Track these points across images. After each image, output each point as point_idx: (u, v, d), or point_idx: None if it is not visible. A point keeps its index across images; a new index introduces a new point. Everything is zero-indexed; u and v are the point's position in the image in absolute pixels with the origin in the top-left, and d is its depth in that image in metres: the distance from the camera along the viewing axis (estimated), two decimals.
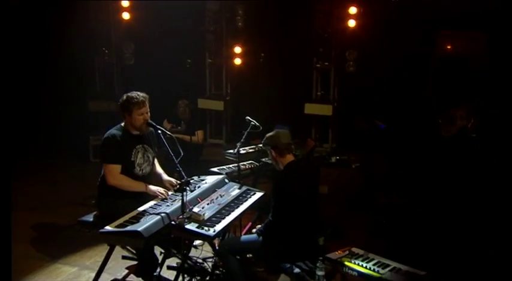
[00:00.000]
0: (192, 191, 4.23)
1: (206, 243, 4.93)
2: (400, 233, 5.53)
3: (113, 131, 4.48)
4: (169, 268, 4.63)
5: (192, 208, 4.03)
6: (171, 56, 8.61)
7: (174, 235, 4.07)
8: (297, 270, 4.29)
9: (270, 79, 8.83)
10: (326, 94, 8.90)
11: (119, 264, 4.81)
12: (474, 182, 5.69)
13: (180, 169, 4.13)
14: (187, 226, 3.82)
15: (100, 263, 4.62)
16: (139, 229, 3.68)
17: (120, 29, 8.53)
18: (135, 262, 4.77)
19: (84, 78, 8.79)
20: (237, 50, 8.85)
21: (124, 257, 4.83)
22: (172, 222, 3.91)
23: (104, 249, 4.92)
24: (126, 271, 4.77)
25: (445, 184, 5.68)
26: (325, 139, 8.69)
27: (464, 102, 6.77)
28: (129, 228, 3.78)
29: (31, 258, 5.16)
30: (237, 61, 8.90)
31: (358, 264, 3.57)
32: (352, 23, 8.35)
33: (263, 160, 5.50)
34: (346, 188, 6.94)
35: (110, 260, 4.55)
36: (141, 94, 4.53)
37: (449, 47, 8.47)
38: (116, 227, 3.84)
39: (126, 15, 8.36)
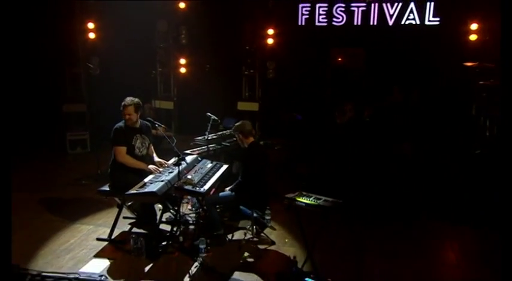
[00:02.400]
0: (187, 163, 5.10)
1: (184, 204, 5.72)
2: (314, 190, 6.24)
3: (119, 123, 5.20)
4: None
5: (186, 175, 4.97)
6: (130, 67, 8.63)
7: (175, 194, 4.99)
8: (255, 215, 5.25)
9: (209, 83, 9.00)
10: (253, 94, 9.34)
11: (122, 222, 5.44)
12: (365, 151, 6.78)
13: (177, 149, 5.02)
14: (186, 187, 4.80)
15: (108, 222, 5.50)
16: (154, 190, 4.65)
17: (87, 45, 8.71)
18: (133, 220, 5.48)
19: (57, 85, 8.84)
20: (182, 61, 9.23)
21: (125, 218, 5.51)
22: (175, 185, 4.83)
23: (108, 212, 5.88)
24: (129, 226, 5.45)
25: (342, 154, 6.96)
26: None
27: (350, 100, 7.65)
28: (147, 190, 4.72)
29: (55, 222, 5.69)
30: (182, 70, 9.28)
31: (304, 199, 4.52)
32: (270, 41, 8.83)
33: (223, 143, 6.32)
34: (273, 163, 7.21)
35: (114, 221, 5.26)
36: (128, 99, 5.17)
37: (339, 60, 8.93)
38: (137, 190, 4.75)
39: (91, 35, 8.62)
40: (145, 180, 4.97)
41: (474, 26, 7.65)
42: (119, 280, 4.35)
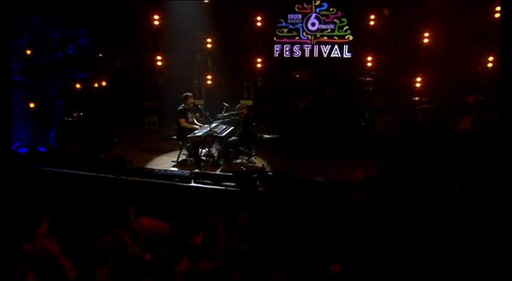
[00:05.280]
0: (215, 124, 8.36)
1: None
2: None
3: (180, 107, 8.36)
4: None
5: (214, 129, 8.26)
6: (179, 80, 10.53)
7: (208, 138, 8.21)
8: (247, 150, 8.47)
9: (223, 89, 10.74)
10: (249, 95, 10.95)
11: (181, 156, 8.45)
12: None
13: (210, 118, 8.36)
14: (214, 134, 8.04)
15: (174, 155, 8.57)
16: (200, 134, 8.03)
17: (156, 69, 11.02)
18: (187, 154, 8.63)
19: (140, 91, 11.34)
20: (208, 77, 11.13)
21: (183, 154, 8.71)
22: (209, 133, 8.16)
23: (173, 152, 8.83)
24: (185, 156, 8.65)
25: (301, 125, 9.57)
26: None
27: (304, 99, 10.45)
28: (197, 134, 8.09)
29: (149, 155, 8.73)
30: (208, 82, 11.18)
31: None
32: (259, 65, 10.70)
33: (231, 117, 9.22)
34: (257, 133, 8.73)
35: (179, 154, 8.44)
36: (190, 94, 8.53)
37: (297, 76, 10.65)
38: (192, 135, 8.10)
39: (159, 63, 10.93)
40: (195, 132, 8.35)
41: (369, 58, 10.77)
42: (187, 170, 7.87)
